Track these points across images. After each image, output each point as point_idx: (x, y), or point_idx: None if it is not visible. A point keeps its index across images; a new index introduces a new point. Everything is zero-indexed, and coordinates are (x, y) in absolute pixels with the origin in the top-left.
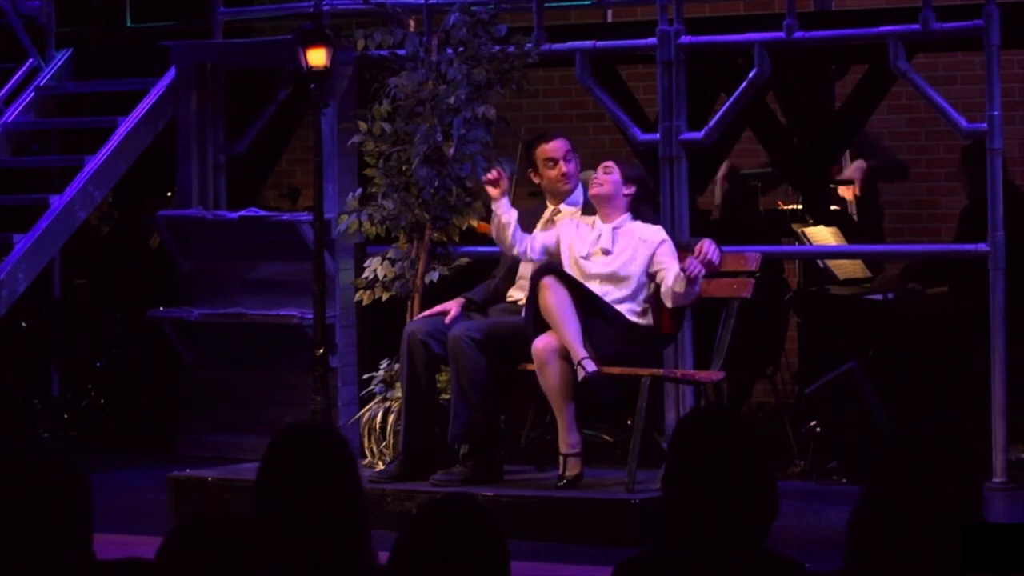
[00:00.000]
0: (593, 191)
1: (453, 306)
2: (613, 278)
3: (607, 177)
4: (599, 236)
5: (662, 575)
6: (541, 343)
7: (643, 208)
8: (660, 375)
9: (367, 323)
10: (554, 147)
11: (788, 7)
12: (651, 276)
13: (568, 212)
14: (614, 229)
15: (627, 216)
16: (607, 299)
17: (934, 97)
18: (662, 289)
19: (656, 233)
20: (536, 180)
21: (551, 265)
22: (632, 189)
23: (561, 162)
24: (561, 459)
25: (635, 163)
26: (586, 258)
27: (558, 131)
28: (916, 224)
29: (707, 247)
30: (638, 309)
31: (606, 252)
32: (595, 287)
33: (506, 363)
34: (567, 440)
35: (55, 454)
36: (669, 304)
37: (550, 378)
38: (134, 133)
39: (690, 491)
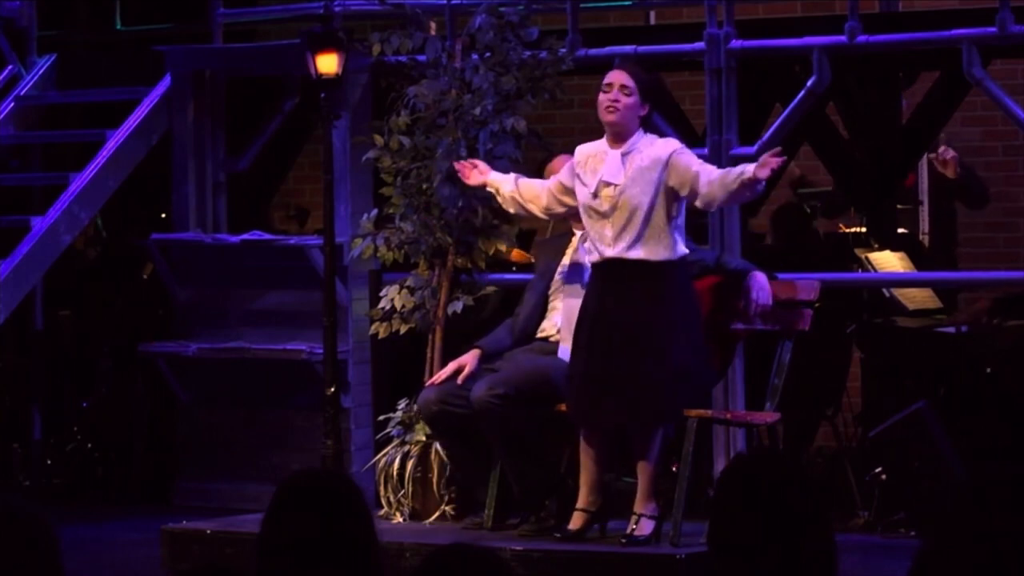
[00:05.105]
0: (610, 118)
1: (468, 361)
2: (623, 211)
3: (628, 100)
4: (605, 168)
5: None
6: None
7: (653, 119)
8: (708, 416)
9: (383, 359)
10: (565, 159)
11: (850, 8)
12: (674, 195)
13: None
14: (623, 156)
15: (639, 135)
16: (624, 239)
17: (1012, 108)
18: (702, 194)
19: (666, 145)
20: None
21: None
22: (648, 108)
23: None
24: (634, 516)
25: (645, 71)
26: (595, 196)
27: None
28: (992, 249)
29: (754, 293)
30: (663, 243)
31: (614, 185)
32: (608, 230)
33: (540, 406)
34: (644, 504)
35: (20, 510)
36: (715, 206)
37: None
38: (125, 148)
39: (738, 547)
